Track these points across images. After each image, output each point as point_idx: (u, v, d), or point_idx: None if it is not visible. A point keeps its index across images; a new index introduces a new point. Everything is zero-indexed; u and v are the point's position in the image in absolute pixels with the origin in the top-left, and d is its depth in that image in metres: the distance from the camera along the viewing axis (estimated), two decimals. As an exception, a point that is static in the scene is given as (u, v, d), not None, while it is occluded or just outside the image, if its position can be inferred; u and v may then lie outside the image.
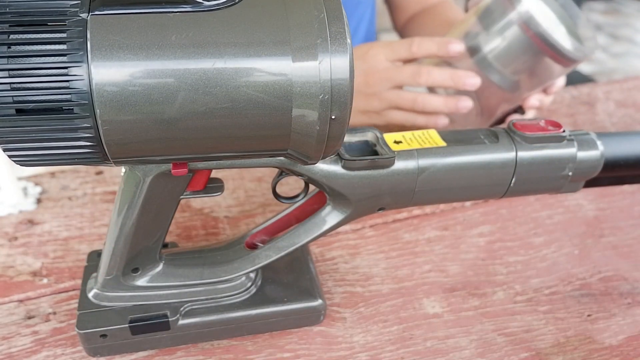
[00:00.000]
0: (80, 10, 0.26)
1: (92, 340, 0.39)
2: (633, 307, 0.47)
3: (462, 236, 0.54)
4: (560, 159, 0.41)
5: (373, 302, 0.47)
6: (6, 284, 0.47)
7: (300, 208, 0.43)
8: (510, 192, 0.42)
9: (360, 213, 0.40)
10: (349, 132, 0.40)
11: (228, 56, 0.27)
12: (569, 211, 0.58)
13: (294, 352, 0.42)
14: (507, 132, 0.41)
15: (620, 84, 0.84)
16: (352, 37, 0.34)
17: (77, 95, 0.26)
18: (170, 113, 0.27)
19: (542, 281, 0.50)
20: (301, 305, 0.43)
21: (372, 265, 0.50)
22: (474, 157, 0.39)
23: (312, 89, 0.28)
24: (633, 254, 0.53)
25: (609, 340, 0.44)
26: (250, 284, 0.43)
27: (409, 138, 0.40)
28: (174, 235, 0.53)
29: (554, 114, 0.75)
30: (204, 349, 0.42)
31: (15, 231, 0.52)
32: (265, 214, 0.56)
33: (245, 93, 0.27)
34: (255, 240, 0.43)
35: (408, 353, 0.43)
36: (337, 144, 0.31)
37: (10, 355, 0.41)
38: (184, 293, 0.41)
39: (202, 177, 0.36)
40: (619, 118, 0.75)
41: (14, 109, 0.26)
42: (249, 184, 0.60)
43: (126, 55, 0.26)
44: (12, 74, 0.26)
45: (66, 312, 0.45)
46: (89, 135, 0.27)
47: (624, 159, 0.43)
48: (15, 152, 0.28)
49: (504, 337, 0.44)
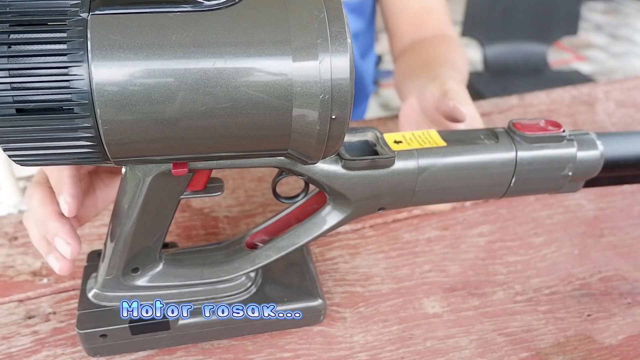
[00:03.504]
0: (80, 10, 0.26)
1: (92, 340, 0.39)
2: (633, 307, 0.47)
3: (462, 236, 0.54)
4: (560, 159, 0.41)
5: (373, 302, 0.47)
6: (6, 283, 0.47)
7: (300, 208, 0.43)
8: (510, 192, 0.42)
9: (360, 213, 0.40)
10: (349, 132, 0.40)
11: (228, 56, 0.27)
12: (569, 211, 0.58)
13: (294, 352, 0.42)
14: (507, 132, 0.41)
15: (620, 84, 0.84)
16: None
17: (77, 95, 0.26)
18: (171, 113, 0.27)
19: (542, 281, 0.50)
20: (301, 305, 0.43)
21: (372, 265, 0.50)
22: (474, 157, 0.39)
23: (312, 89, 0.28)
24: (633, 254, 0.53)
25: (608, 340, 0.44)
26: (250, 283, 0.43)
27: (409, 138, 0.40)
28: (174, 235, 0.53)
29: (554, 114, 0.75)
30: (204, 349, 0.42)
31: (15, 231, 0.52)
32: (265, 214, 0.56)
33: (246, 93, 0.27)
34: (255, 240, 0.43)
35: (408, 353, 0.43)
36: (338, 143, 0.31)
37: (10, 355, 0.41)
38: (184, 293, 0.41)
39: (202, 177, 0.36)
40: (619, 118, 0.75)
41: (14, 108, 0.26)
42: (249, 184, 0.60)
43: (126, 55, 0.26)
44: (13, 74, 0.26)
45: (66, 312, 0.45)
46: (89, 135, 0.27)
47: (624, 159, 0.43)
48: (15, 151, 0.28)
49: (504, 337, 0.44)
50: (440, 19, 0.75)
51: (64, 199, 0.37)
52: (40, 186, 0.40)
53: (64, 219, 0.38)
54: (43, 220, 0.38)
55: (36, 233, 0.40)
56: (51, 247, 0.39)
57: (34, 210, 0.39)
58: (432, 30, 0.74)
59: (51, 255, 0.39)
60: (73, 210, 0.37)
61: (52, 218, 0.38)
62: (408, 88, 0.58)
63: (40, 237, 0.40)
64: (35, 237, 0.40)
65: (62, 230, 0.38)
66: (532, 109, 0.76)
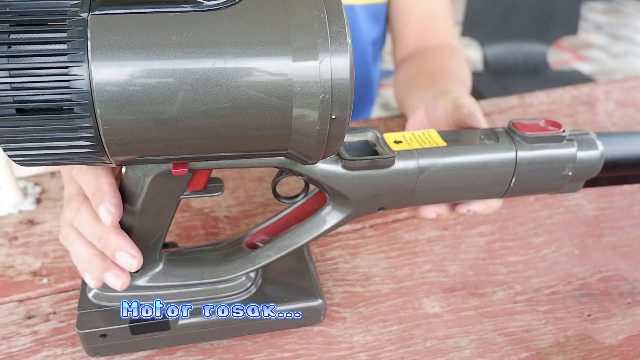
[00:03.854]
0: (80, 10, 0.26)
1: (92, 340, 0.39)
2: (633, 307, 0.47)
3: (462, 236, 0.54)
4: (560, 159, 0.41)
5: (373, 302, 0.47)
6: (6, 284, 0.47)
7: (300, 208, 0.43)
8: (510, 192, 0.42)
9: (360, 213, 0.40)
10: (349, 132, 0.40)
11: (228, 56, 0.27)
12: (569, 211, 0.58)
13: (294, 352, 0.42)
14: (507, 132, 0.41)
15: (620, 84, 0.84)
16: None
17: (77, 95, 0.26)
18: (171, 113, 0.27)
19: (542, 281, 0.50)
20: (301, 305, 0.43)
21: (372, 265, 0.50)
22: (474, 157, 0.39)
23: (312, 89, 0.28)
24: (633, 254, 0.53)
25: (608, 340, 0.44)
26: (250, 283, 0.43)
27: (409, 138, 0.40)
28: (174, 235, 0.53)
29: (554, 114, 0.75)
30: (204, 349, 0.42)
31: (15, 231, 0.52)
32: (265, 214, 0.56)
33: (246, 93, 0.27)
34: (255, 240, 0.43)
35: (408, 353, 0.43)
36: (338, 143, 0.31)
37: (10, 355, 0.41)
38: (184, 293, 0.41)
39: (202, 177, 0.36)
40: (619, 118, 0.75)
41: (14, 108, 0.26)
42: (249, 184, 0.60)
43: (126, 55, 0.26)
44: (13, 74, 0.26)
45: (66, 312, 0.45)
46: (89, 135, 0.27)
47: (624, 159, 0.43)
48: (15, 152, 0.28)
49: (504, 337, 0.44)
50: (444, 26, 0.75)
51: (107, 209, 0.35)
52: (80, 199, 0.37)
53: (122, 231, 0.36)
54: (101, 235, 0.36)
55: (85, 251, 0.37)
56: (107, 264, 0.37)
57: (84, 226, 0.37)
58: (435, 38, 0.74)
59: (109, 272, 0.37)
60: (116, 220, 0.35)
61: (111, 232, 0.36)
62: (414, 100, 0.58)
63: (92, 255, 0.37)
64: (85, 256, 0.37)
65: (124, 244, 0.36)
66: (532, 109, 0.76)
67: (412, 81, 0.66)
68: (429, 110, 0.50)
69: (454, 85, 0.56)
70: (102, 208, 0.35)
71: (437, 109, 0.48)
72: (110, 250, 0.36)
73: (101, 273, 0.37)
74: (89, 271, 0.38)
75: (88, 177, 0.36)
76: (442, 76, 0.62)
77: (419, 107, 0.52)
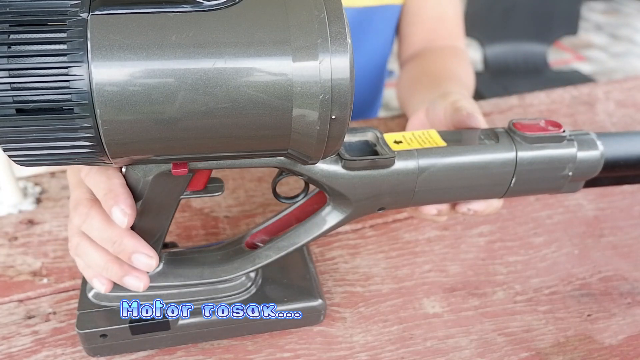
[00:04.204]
0: (80, 10, 0.26)
1: (92, 340, 0.39)
2: (633, 307, 0.47)
3: (462, 236, 0.54)
4: (560, 159, 0.41)
5: (373, 302, 0.47)
6: (6, 284, 0.47)
7: (300, 208, 0.43)
8: (510, 192, 0.42)
9: (360, 213, 0.40)
10: (349, 132, 0.40)
11: (228, 56, 0.27)
12: (569, 211, 0.58)
13: (294, 352, 0.42)
14: (507, 132, 0.41)
15: (620, 84, 0.84)
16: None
17: (77, 95, 0.26)
18: (171, 113, 0.27)
19: (542, 281, 0.50)
20: (301, 305, 0.43)
21: (372, 265, 0.50)
22: (474, 157, 0.39)
23: (312, 89, 0.28)
24: (633, 254, 0.53)
25: (608, 340, 0.44)
26: (250, 283, 0.43)
27: (409, 138, 0.40)
28: (174, 235, 0.53)
29: (554, 114, 0.75)
30: (204, 349, 0.42)
31: (15, 231, 0.52)
32: (265, 214, 0.56)
33: (246, 93, 0.27)
34: (255, 240, 0.43)
35: (408, 353, 0.43)
36: (338, 144, 0.31)
37: (10, 355, 0.41)
38: (184, 293, 0.41)
39: (202, 177, 0.36)
40: (619, 118, 0.75)
41: (14, 108, 0.26)
42: (249, 184, 0.60)
43: (126, 55, 0.26)
44: (13, 74, 0.26)
45: (66, 312, 0.45)
46: (89, 135, 0.27)
47: (624, 159, 0.43)
48: (15, 152, 0.28)
49: (504, 337, 0.44)
50: (452, 28, 0.75)
51: (121, 211, 0.34)
52: (89, 203, 0.36)
53: (135, 233, 0.36)
54: (115, 239, 0.35)
55: (99, 258, 0.37)
56: (126, 268, 0.37)
57: (95, 230, 0.36)
58: (442, 39, 0.74)
59: (130, 276, 0.36)
60: (131, 222, 0.34)
61: (126, 235, 0.35)
62: (415, 102, 0.58)
63: (107, 261, 0.36)
64: (99, 262, 0.37)
65: (140, 245, 0.35)
66: (532, 109, 0.76)
67: (414, 82, 0.66)
68: (430, 112, 0.50)
69: (454, 87, 0.56)
70: (116, 210, 0.34)
71: (436, 111, 0.48)
72: (127, 253, 0.36)
73: (120, 278, 0.37)
74: (104, 277, 0.37)
75: (99, 179, 0.35)
76: (443, 78, 0.62)
77: (420, 109, 0.52)
